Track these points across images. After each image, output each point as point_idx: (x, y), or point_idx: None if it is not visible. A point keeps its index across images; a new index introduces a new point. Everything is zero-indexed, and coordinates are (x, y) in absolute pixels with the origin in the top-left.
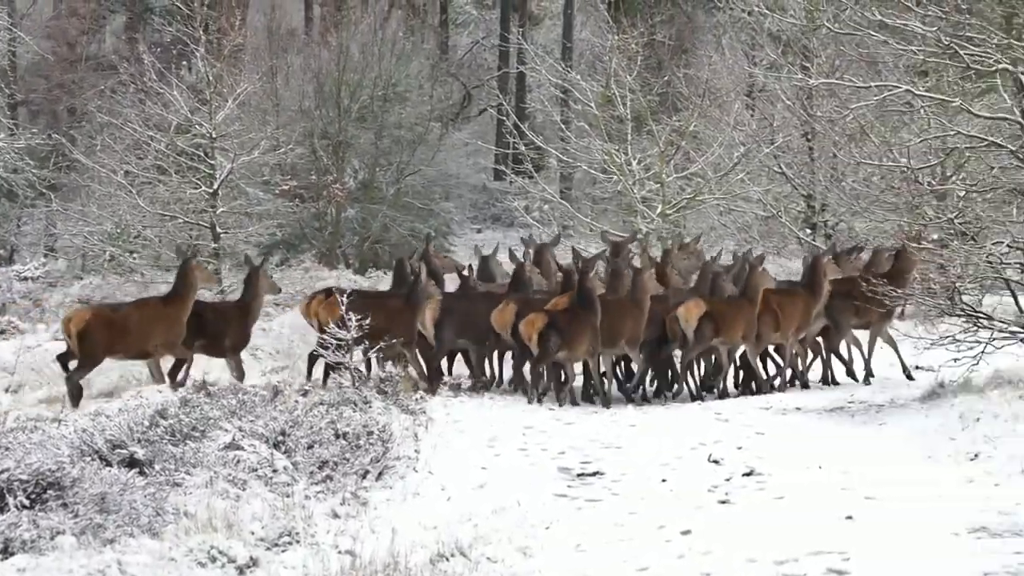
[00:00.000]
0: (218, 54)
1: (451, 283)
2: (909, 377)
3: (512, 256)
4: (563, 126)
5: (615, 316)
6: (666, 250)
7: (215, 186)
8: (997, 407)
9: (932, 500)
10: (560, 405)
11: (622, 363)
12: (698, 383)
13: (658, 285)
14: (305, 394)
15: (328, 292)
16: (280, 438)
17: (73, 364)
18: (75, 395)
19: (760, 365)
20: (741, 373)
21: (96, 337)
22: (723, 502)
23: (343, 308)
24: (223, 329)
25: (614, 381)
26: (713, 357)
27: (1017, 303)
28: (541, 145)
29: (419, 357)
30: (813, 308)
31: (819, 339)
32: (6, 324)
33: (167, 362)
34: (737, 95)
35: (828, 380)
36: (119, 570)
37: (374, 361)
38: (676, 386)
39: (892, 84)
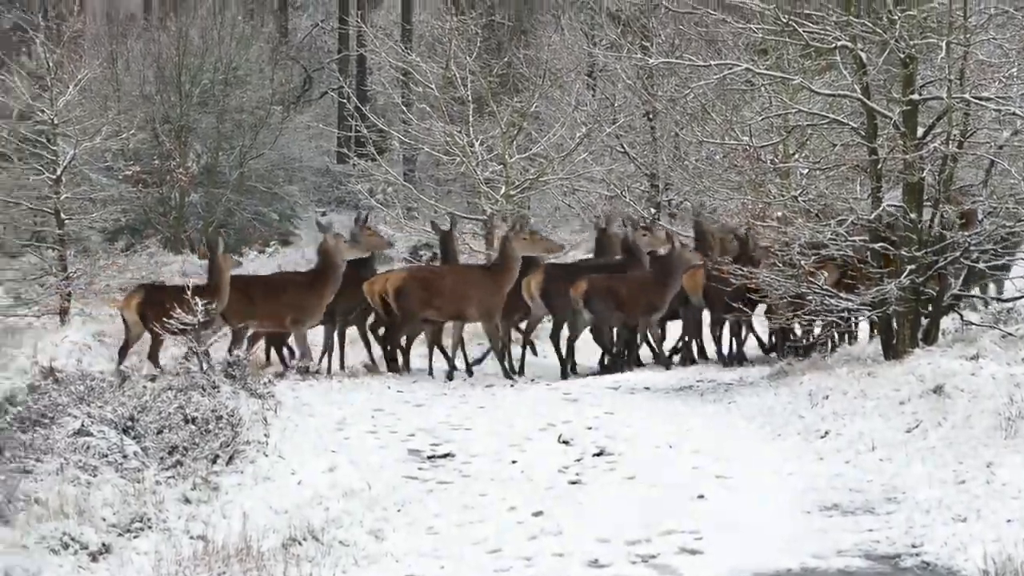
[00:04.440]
0: (58, 40)
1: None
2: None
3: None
4: (404, 108)
5: None
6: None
7: (58, 172)
8: (846, 384)
9: (783, 478)
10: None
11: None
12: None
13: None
14: (153, 379)
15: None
16: (129, 424)
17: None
18: (394, 357)
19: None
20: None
21: (413, 297)
22: (574, 483)
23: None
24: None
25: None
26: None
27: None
28: (383, 127)
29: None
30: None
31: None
32: None
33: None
34: (578, 75)
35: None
36: None
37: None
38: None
39: (732, 63)
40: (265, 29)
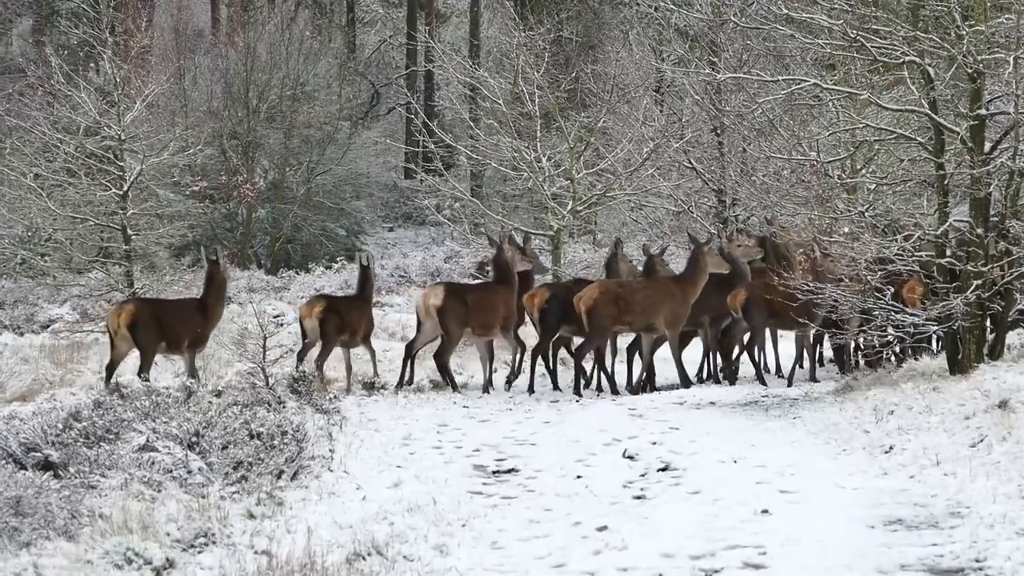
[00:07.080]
0: (125, 55)
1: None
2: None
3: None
4: (472, 124)
5: None
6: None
7: (125, 188)
8: (911, 399)
9: (847, 493)
10: None
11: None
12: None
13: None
14: (219, 395)
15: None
16: (194, 439)
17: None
18: (589, 374)
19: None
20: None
21: (604, 311)
22: (639, 497)
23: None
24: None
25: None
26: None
27: (931, 296)
28: (450, 143)
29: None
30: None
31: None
32: None
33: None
34: (645, 90)
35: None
36: (35, 573)
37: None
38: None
39: (800, 78)
40: (333, 45)
